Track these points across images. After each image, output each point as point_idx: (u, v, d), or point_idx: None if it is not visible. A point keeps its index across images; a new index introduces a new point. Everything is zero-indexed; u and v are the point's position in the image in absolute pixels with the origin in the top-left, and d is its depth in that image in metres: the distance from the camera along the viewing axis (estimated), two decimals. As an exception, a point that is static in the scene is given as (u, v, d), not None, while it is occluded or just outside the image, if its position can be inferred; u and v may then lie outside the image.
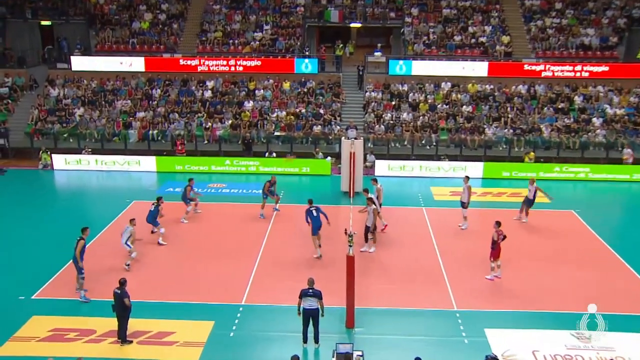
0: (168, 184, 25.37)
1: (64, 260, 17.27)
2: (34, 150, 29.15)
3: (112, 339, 13.49)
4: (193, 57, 33.12)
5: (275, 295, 15.56)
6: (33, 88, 32.98)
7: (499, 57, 32.90)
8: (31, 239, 19.38)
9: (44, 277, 16.48)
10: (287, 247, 18.62)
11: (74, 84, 32.59)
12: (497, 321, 14.37)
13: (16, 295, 15.51)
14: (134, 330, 13.69)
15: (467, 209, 20.13)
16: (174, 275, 16.71)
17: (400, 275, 16.87)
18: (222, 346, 13.41)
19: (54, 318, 14.41)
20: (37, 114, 30.54)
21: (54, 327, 13.99)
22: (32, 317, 14.41)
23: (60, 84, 32.57)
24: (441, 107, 30.85)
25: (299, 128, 29.69)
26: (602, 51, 33.10)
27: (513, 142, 28.71)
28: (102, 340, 13.54)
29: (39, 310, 14.76)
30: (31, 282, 16.14)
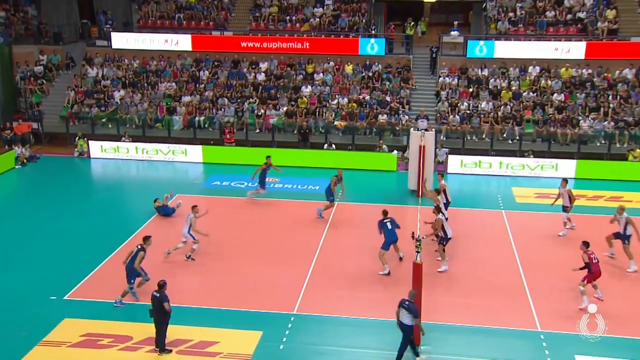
0: (214, 176, 25.81)
1: (99, 258, 17.93)
2: (69, 136, 30.37)
3: (149, 347, 13.81)
4: (245, 36, 33.55)
5: (331, 305, 15.58)
6: (70, 67, 34.29)
7: (600, 35, 31.67)
8: (64, 234, 20.11)
9: (77, 276, 17.06)
10: (345, 252, 18.61)
11: (114, 63, 33.68)
12: (591, 347, 13.84)
13: (47, 295, 16.10)
14: (173, 338, 13.98)
15: (568, 214, 20.06)
16: (219, 279, 17.01)
17: (474, 287, 16.55)
18: (270, 359, 13.53)
19: (87, 322, 14.86)
20: (73, 96, 31.73)
21: (87, 332, 14.44)
22: (64, 320, 14.92)
23: (99, 63, 33.74)
24: (527, 95, 30.05)
25: (362, 117, 29.60)
26: None
27: (614, 136, 27.67)
28: (138, 347, 13.88)
29: (71, 313, 15.26)
30: (63, 281, 16.74)
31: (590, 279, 15.67)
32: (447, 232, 17.38)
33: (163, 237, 19.12)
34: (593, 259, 15.63)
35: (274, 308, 15.49)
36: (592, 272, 15.59)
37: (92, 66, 33.47)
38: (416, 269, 13.64)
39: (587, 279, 15.68)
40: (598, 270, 15.63)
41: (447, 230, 17.36)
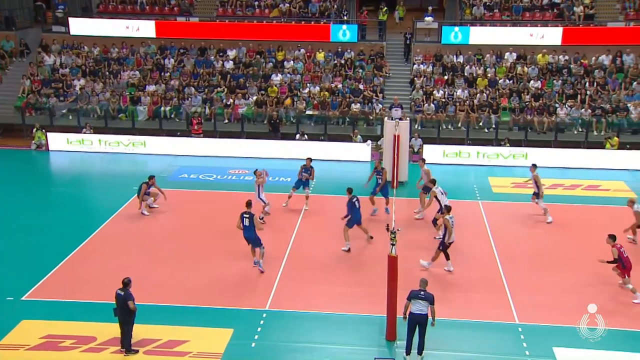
0: (181, 169, 25.60)
1: (59, 256, 17.67)
2: (25, 128, 29.80)
3: (114, 348, 13.64)
4: (212, 22, 33.27)
5: (304, 301, 15.59)
6: (24, 54, 33.61)
7: (577, 20, 32.08)
8: (22, 231, 19.75)
9: (36, 275, 16.77)
10: (318, 246, 18.61)
11: (73, 50, 33.11)
12: (569, 339, 14.04)
13: (3, 296, 15.81)
14: (140, 337, 13.84)
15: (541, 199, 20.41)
16: (188, 275, 16.86)
17: (450, 280, 16.69)
18: (242, 357, 13.49)
19: (47, 323, 14.62)
20: (29, 85, 31.12)
21: (47, 334, 14.20)
22: (22, 322, 14.66)
23: (57, 51, 33.13)
24: (503, 83, 30.32)
25: (334, 106, 29.58)
26: None
27: (592, 124, 28.07)
28: (103, 349, 13.71)
29: (30, 314, 15.01)
30: (21, 281, 16.45)
31: (627, 272, 15.87)
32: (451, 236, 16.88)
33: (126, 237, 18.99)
34: (623, 253, 15.79)
35: (246, 305, 15.44)
36: (625, 267, 15.80)
37: (49, 53, 32.86)
38: (391, 262, 13.69)
39: (626, 274, 15.87)
40: (629, 262, 15.83)
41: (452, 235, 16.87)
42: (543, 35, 31.20)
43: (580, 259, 17.74)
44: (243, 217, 16.82)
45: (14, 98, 31.04)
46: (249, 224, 16.74)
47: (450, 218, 16.72)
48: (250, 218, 16.73)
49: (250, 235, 16.80)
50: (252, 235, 16.80)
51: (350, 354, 13.45)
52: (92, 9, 35.29)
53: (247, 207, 17.01)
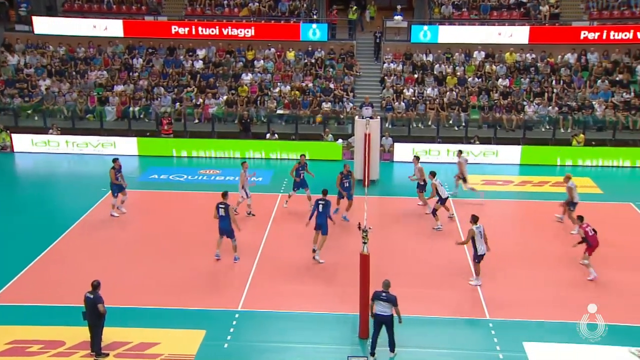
0: (151, 170, 25.35)
1: (26, 260, 17.34)
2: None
3: (84, 352, 13.44)
4: (181, 21, 33.00)
5: (276, 300, 15.55)
6: (-14, 54, 32.97)
7: (543, 20, 32.54)
8: (-13, 234, 19.40)
9: (1, 279, 16.41)
10: (290, 245, 18.57)
11: (37, 50, 32.55)
12: (538, 333, 14.27)
13: (-31, 300, 15.54)
14: (110, 341, 13.67)
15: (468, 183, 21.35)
16: (158, 277, 16.69)
17: (422, 277, 16.78)
18: (214, 359, 13.40)
19: (14, 328, 14.35)
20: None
21: (14, 339, 13.93)
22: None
23: (21, 50, 32.54)
24: (472, 81, 30.62)
25: (305, 105, 29.56)
26: (675, 8, 32.59)
27: (558, 121, 28.47)
28: (72, 353, 13.50)
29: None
30: (-13, 285, 16.15)
31: (591, 251, 16.62)
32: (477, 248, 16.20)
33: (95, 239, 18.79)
34: (589, 232, 16.53)
35: (218, 305, 15.36)
36: (590, 245, 16.55)
37: (13, 53, 32.26)
38: (363, 260, 13.71)
39: (588, 252, 16.63)
40: (596, 241, 16.57)
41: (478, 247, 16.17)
42: (511, 34, 31.58)
43: (549, 254, 18.01)
44: (219, 208, 16.98)
45: (-24, 99, 30.42)
46: (224, 214, 16.87)
47: (477, 228, 16.08)
48: (225, 208, 16.91)
49: (226, 226, 16.99)
50: (227, 227, 16.97)
51: (323, 353, 13.45)
52: (57, 7, 34.70)
53: (223, 197, 17.18)
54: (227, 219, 16.95)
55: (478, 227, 16.06)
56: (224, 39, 32.45)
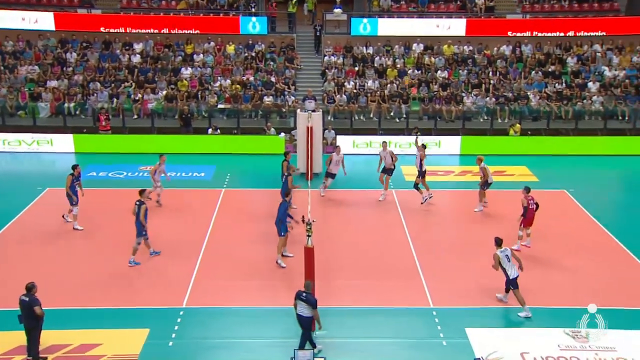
0: (90, 167, 24.73)
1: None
2: None
3: (20, 357, 13.03)
4: (116, 14, 32.25)
5: (221, 296, 15.44)
6: None
7: (479, 13, 33.22)
8: None
9: None
10: (234, 240, 18.45)
11: (-39, 44, 31.34)
12: (479, 319, 14.57)
13: None
14: (49, 344, 13.30)
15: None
16: (99, 277, 16.32)
17: (366, 269, 16.91)
18: (159, 357, 13.21)
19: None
20: None
21: (-55, 347, 13.44)
22: None
23: (-59, 44, 31.23)
24: (412, 73, 31.02)
25: (246, 99, 29.37)
26: (600, 4, 33.75)
27: (496, 112, 29.14)
28: (8, 358, 13.08)
29: None
30: None
31: (526, 223, 17.44)
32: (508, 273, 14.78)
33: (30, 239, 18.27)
34: (530, 204, 17.26)
35: (162, 303, 15.13)
36: (526, 217, 17.33)
37: None
38: (308, 253, 13.72)
39: (523, 224, 17.45)
40: (532, 216, 17.34)
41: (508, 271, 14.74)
42: (449, 26, 32.11)
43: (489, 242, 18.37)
44: (135, 205, 16.76)
45: None
46: (136, 212, 16.65)
47: (502, 252, 14.68)
48: (138, 206, 16.61)
49: (136, 223, 16.66)
50: (135, 223, 16.65)
51: (270, 347, 13.42)
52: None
53: (139, 195, 16.91)
54: (137, 217, 16.62)
55: (503, 250, 14.69)
56: (162, 32, 31.86)
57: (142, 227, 16.63)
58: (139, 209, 16.57)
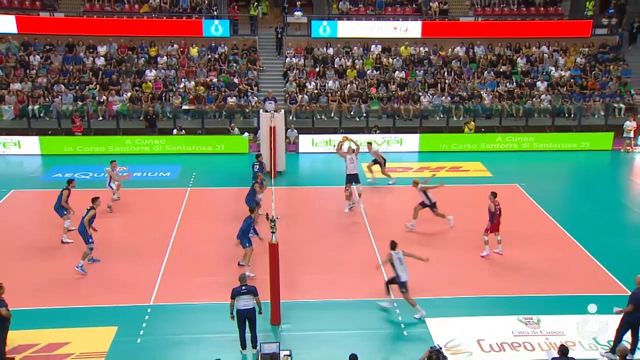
0: (55, 169, 24.25)
1: None
2: None
3: (-12, 357, 12.77)
4: (79, 17, 31.66)
5: (189, 293, 15.32)
6: None
7: (433, 16, 33.56)
8: None
9: None
10: (199, 238, 18.32)
11: None
12: (438, 309, 14.72)
13: None
14: (15, 344, 13.04)
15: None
16: (65, 276, 16.03)
17: (329, 264, 16.96)
18: (127, 354, 13.05)
19: None
20: None
21: None
22: None
23: None
24: (371, 74, 31.18)
25: (210, 100, 29.14)
26: (546, 7, 34.47)
27: (451, 110, 29.48)
28: (-24, 358, 12.80)
29: None
30: None
31: (493, 229, 17.10)
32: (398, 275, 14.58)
33: None
34: (497, 210, 16.96)
35: (129, 301, 14.94)
36: (493, 222, 17.01)
37: None
38: (272, 249, 13.71)
39: (490, 230, 17.12)
40: (497, 221, 17.01)
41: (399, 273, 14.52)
42: (406, 28, 32.35)
43: (448, 234, 18.64)
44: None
45: None
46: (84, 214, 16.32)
47: (396, 254, 14.52)
48: (86, 211, 16.33)
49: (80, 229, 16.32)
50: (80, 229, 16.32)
51: (237, 341, 13.33)
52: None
53: (92, 202, 16.65)
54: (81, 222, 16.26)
55: (397, 253, 14.54)
56: (125, 35, 31.40)
57: (85, 231, 16.16)
58: (87, 213, 16.26)
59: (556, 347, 11.94)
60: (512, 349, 13.39)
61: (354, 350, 11.45)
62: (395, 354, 13.24)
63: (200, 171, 24.07)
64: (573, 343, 13.36)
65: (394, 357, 13.10)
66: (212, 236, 18.34)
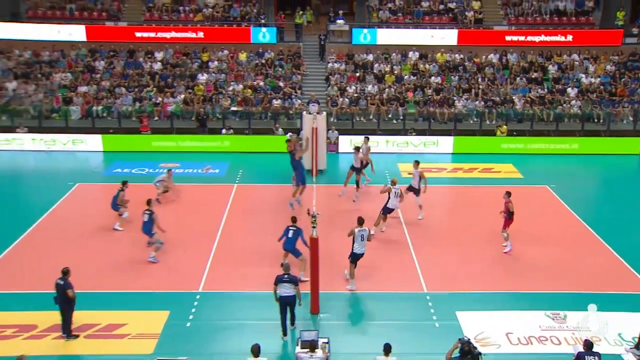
0: (115, 164, 24.82)
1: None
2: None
3: (56, 334, 13.18)
4: (140, 26, 32.30)
5: (234, 282, 15.50)
6: (-46, 58, 31.59)
7: (469, 24, 33.14)
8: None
9: (-24, 268, 15.94)
10: (245, 231, 18.49)
11: (4, 54, 31.35)
12: (469, 303, 14.62)
13: (-55, 290, 14.99)
14: (80, 323, 13.42)
15: (420, 197, 19.51)
16: (125, 263, 16.43)
17: (366, 257, 16.89)
18: (178, 337, 13.30)
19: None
20: (-39, 88, 29.34)
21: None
22: (-36, 313, 13.96)
23: (-14, 55, 31.32)
24: (408, 79, 30.96)
25: (257, 102, 29.39)
26: (577, 17, 33.69)
27: (484, 114, 29.08)
28: (44, 335, 13.22)
29: (-28, 305, 14.28)
30: (-38, 275, 15.60)
31: (509, 225, 16.99)
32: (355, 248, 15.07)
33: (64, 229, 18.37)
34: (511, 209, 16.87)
35: (180, 288, 15.21)
36: (510, 219, 16.91)
37: (-21, 57, 31.04)
38: (313, 243, 13.78)
39: (507, 226, 17.01)
40: (512, 218, 16.91)
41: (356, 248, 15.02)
42: (442, 36, 32.03)
43: (478, 232, 18.44)
44: (143, 214, 16.64)
45: (-54, 100, 29.13)
46: (147, 219, 16.53)
47: (359, 231, 14.85)
48: (150, 214, 16.55)
49: (146, 229, 16.59)
50: (147, 229, 16.60)
51: (278, 328, 13.45)
52: (21, 14, 33.48)
53: (147, 204, 16.77)
54: (149, 225, 16.55)
55: (361, 230, 14.80)
56: (180, 42, 31.91)
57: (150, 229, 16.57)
58: (151, 216, 16.53)
59: (582, 342, 11.73)
60: (539, 342, 13.21)
61: (387, 339, 11.45)
62: (427, 344, 13.16)
63: (246, 168, 24.29)
64: (598, 338, 13.10)
65: (426, 347, 13.03)
66: (256, 229, 18.50)
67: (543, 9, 33.86)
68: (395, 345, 11.30)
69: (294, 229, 15.57)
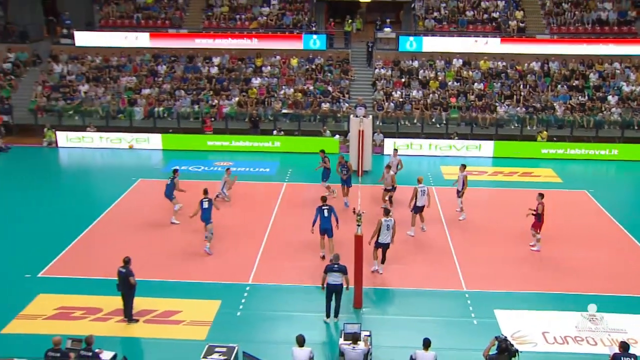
0: (174, 162, 25.34)
1: (69, 239, 17.46)
2: (38, 127, 29.20)
3: (118, 318, 13.59)
4: (199, 33, 32.89)
5: (282, 275, 15.61)
6: (36, 64, 32.90)
7: (511, 32, 32.43)
8: (37, 217, 19.45)
9: (50, 255, 16.57)
10: (294, 227, 18.57)
11: (78, 60, 32.49)
12: (507, 302, 14.36)
13: (22, 274, 15.62)
14: (140, 309, 13.79)
15: (461, 199, 19.22)
16: (181, 254, 16.77)
17: (408, 255, 16.85)
18: (229, 325, 13.49)
19: (60, 296, 14.48)
20: (40, 91, 30.50)
21: (60, 306, 14.08)
22: (38, 295, 14.51)
23: (64, 60, 32.47)
24: (452, 85, 30.55)
25: (307, 105, 29.53)
26: (619, 26, 32.57)
27: (525, 120, 28.43)
28: (108, 318, 13.65)
29: (45, 289, 14.85)
30: (37, 260, 16.24)
31: (540, 226, 16.71)
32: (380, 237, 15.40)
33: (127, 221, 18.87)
34: (537, 210, 16.61)
35: (232, 279, 15.42)
36: (540, 221, 16.64)
37: (58, 63, 32.13)
38: (357, 240, 13.78)
39: (539, 227, 16.73)
40: (543, 219, 16.66)
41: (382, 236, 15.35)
42: (485, 43, 31.48)
43: (516, 234, 18.07)
44: (202, 202, 16.84)
45: (28, 102, 30.33)
46: (207, 206, 16.79)
47: (386, 221, 15.20)
48: (209, 201, 16.90)
49: (206, 216, 16.81)
50: (207, 216, 16.83)
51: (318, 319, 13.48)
52: (95, 23, 34.70)
53: (204, 194, 17.06)
54: (209, 211, 16.82)
55: (387, 220, 15.15)
56: (236, 48, 32.35)
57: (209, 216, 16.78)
58: (211, 203, 16.90)
59: (617, 344, 11.37)
60: (575, 342, 12.88)
61: (427, 334, 11.36)
62: (465, 340, 12.99)
63: (295, 168, 24.44)
64: (635, 340, 12.69)
65: (464, 343, 12.86)
66: (304, 226, 18.49)
67: (585, 19, 32.85)
68: (434, 341, 11.20)
69: (327, 207, 15.89)
